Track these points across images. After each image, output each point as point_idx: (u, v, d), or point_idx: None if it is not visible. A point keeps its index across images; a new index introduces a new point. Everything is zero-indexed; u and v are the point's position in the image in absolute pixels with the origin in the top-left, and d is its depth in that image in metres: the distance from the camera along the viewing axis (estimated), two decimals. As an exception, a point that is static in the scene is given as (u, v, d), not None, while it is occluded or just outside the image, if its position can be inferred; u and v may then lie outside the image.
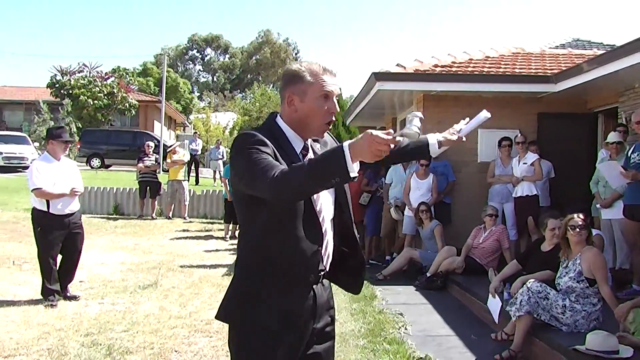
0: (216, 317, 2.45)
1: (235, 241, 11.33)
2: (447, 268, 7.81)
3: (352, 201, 8.37)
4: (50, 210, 6.48)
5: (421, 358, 5.02)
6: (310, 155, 2.41)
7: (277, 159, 2.21)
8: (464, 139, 2.76)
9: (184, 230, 12.56)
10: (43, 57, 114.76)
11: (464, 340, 5.65)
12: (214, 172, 22.96)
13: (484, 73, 9.51)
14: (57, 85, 36.92)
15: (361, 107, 11.78)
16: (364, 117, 13.76)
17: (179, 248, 10.33)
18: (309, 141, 2.45)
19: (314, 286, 2.38)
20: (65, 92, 35.98)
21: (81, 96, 35.39)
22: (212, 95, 63.18)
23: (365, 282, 7.75)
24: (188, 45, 77.16)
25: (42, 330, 5.50)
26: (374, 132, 1.99)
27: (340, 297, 7.11)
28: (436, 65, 9.83)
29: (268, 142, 2.24)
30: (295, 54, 76.06)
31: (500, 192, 8.73)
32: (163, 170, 16.41)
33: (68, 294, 6.66)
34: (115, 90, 36.97)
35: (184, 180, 14.31)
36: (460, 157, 9.51)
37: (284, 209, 2.26)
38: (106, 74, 39.61)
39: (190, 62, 78.51)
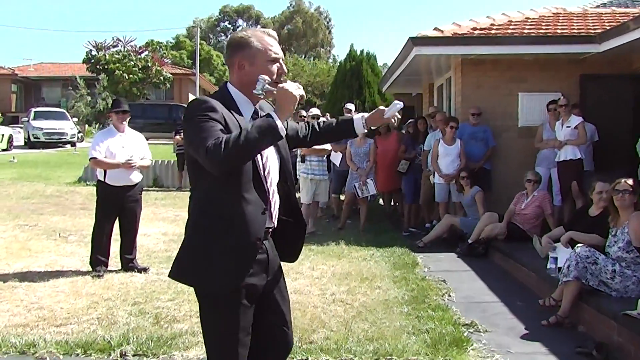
0: (169, 276, 2.61)
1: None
2: (489, 234, 7.73)
3: (390, 169, 8.43)
4: (106, 180, 6.61)
5: (467, 324, 4.98)
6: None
7: (226, 124, 2.41)
8: (391, 119, 2.83)
9: (222, 201, 12.65)
10: (78, 32, 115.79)
11: (510, 307, 5.60)
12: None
13: (524, 35, 9.26)
14: (92, 61, 37.35)
15: (397, 73, 11.63)
16: (399, 84, 13.60)
17: (219, 219, 10.40)
18: (257, 106, 2.62)
19: (265, 242, 2.56)
20: (101, 67, 36.38)
21: (116, 71, 35.77)
22: (244, 67, 63.15)
23: (406, 249, 7.79)
24: (219, 17, 77.05)
25: (90, 300, 5.61)
26: (285, 85, 2.39)
27: (381, 264, 7.12)
28: (474, 29, 9.62)
29: (218, 107, 2.42)
30: (327, 22, 75.38)
31: (548, 157, 8.53)
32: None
33: (138, 267, 6.70)
34: (149, 64, 37.28)
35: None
36: (500, 121, 9.36)
37: (231, 172, 2.40)
38: (140, 48, 39.91)
39: (222, 34, 78.42)
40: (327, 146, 9.27)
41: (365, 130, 2.87)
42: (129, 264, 6.73)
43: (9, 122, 35.55)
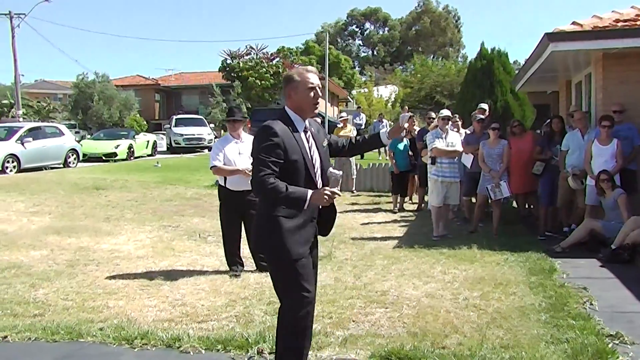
0: (277, 257, 3.62)
1: (404, 213, 11.37)
2: (635, 240, 7.23)
3: (524, 170, 8.28)
4: (227, 186, 6.90)
5: (611, 335, 4.69)
6: (310, 133, 3.63)
7: (284, 144, 3.42)
8: (405, 125, 4.04)
9: (352, 204, 12.77)
10: (214, 42, 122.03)
11: (660, 318, 5.20)
12: (378, 145, 23.02)
13: (675, 25, 8.57)
14: (227, 69, 39.04)
15: (531, 71, 11.17)
16: (533, 82, 13.06)
17: (349, 221, 10.52)
18: (307, 122, 3.63)
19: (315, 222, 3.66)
20: (235, 75, 37.92)
21: (249, 77, 37.14)
22: (372, 70, 63.38)
23: (542, 254, 7.49)
24: (347, 20, 77.88)
25: (229, 298, 5.87)
26: (325, 190, 3.38)
27: (516, 270, 6.89)
28: (617, 20, 9.03)
29: (279, 132, 3.43)
30: (456, 21, 74.00)
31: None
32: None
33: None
34: (280, 70, 38.35)
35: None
36: (646, 119, 8.73)
37: (290, 171, 3.45)
38: (271, 54, 41.16)
39: (350, 38, 79.25)
40: (458, 147, 9.10)
41: (389, 140, 3.86)
42: (260, 263, 6.96)
43: (153, 129, 38.12)
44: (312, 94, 3.55)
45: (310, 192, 3.37)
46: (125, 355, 4.49)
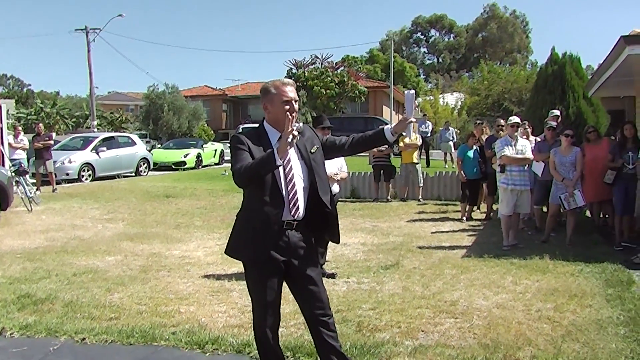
0: (225, 252, 3.77)
1: (472, 222, 11.17)
2: None
3: (599, 178, 8.00)
4: None
5: (697, 351, 4.47)
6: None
7: (250, 150, 3.47)
8: (413, 119, 3.70)
9: (419, 212, 12.63)
10: (279, 53, 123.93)
11: None
12: (445, 154, 22.77)
13: None
14: (293, 78, 39.41)
15: (606, 76, 10.78)
16: (608, 87, 12.58)
17: (416, 230, 10.41)
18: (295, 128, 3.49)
19: (288, 231, 3.55)
20: (301, 84, 38.29)
21: (315, 87, 37.42)
22: (438, 77, 62.81)
23: (619, 265, 7.21)
24: (412, 28, 77.51)
25: (296, 305, 5.83)
26: (284, 134, 3.30)
27: (592, 281, 6.67)
28: (699, 22, 8.64)
29: (245, 140, 3.51)
30: (524, 26, 72.54)
31: None
32: (394, 154, 16.60)
33: (326, 273, 6.94)
34: (345, 79, 38.51)
35: (417, 163, 14.34)
36: None
37: (255, 184, 3.46)
38: (336, 63, 41.40)
39: (415, 45, 78.88)
40: (528, 155, 8.88)
41: (393, 137, 3.67)
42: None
43: (220, 138, 38.87)
44: (287, 107, 3.50)
45: (275, 148, 3.34)
46: (197, 360, 4.57)
